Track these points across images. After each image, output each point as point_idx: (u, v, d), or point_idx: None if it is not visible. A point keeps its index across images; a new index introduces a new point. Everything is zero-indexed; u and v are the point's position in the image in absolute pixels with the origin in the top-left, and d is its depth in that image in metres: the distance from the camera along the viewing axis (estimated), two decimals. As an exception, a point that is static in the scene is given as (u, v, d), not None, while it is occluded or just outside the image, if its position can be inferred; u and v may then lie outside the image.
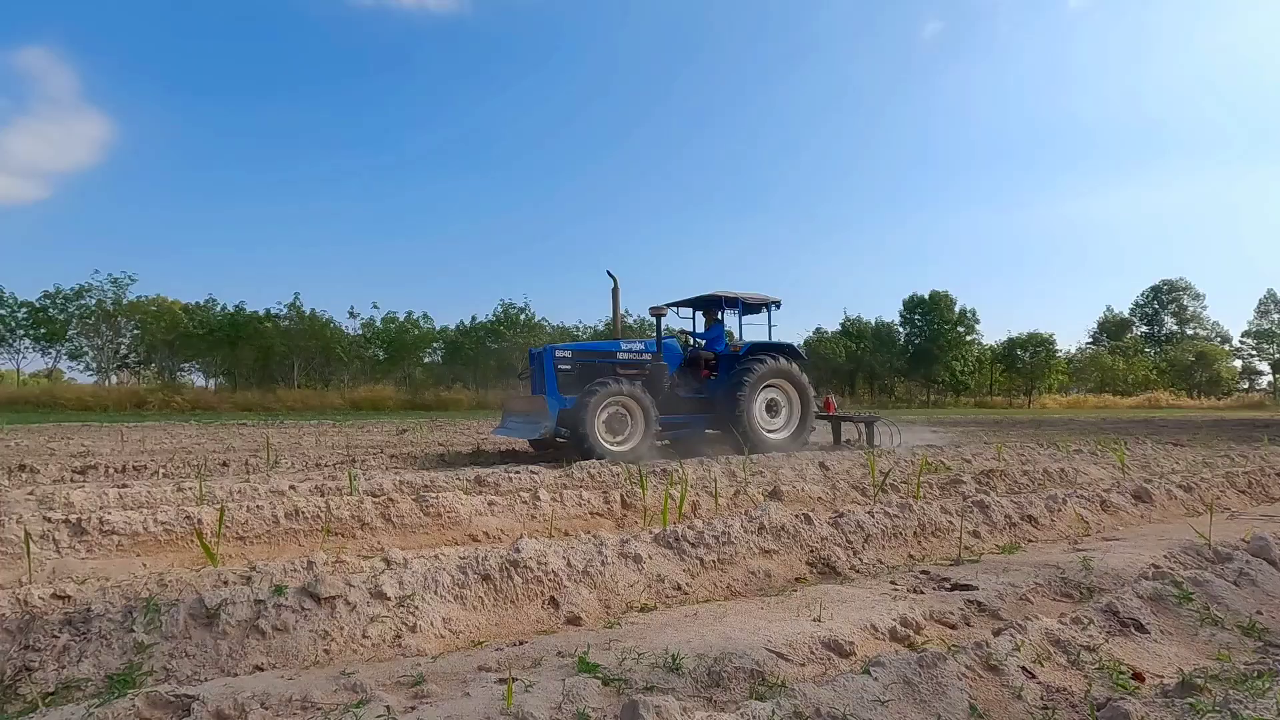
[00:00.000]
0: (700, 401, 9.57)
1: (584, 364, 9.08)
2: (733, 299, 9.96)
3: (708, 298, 10.07)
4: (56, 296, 31.68)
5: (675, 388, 9.45)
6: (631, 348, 9.45)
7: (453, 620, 2.52)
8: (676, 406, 9.36)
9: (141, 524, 3.75)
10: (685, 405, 9.48)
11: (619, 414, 8.50)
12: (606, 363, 9.20)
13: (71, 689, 1.93)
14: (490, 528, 4.48)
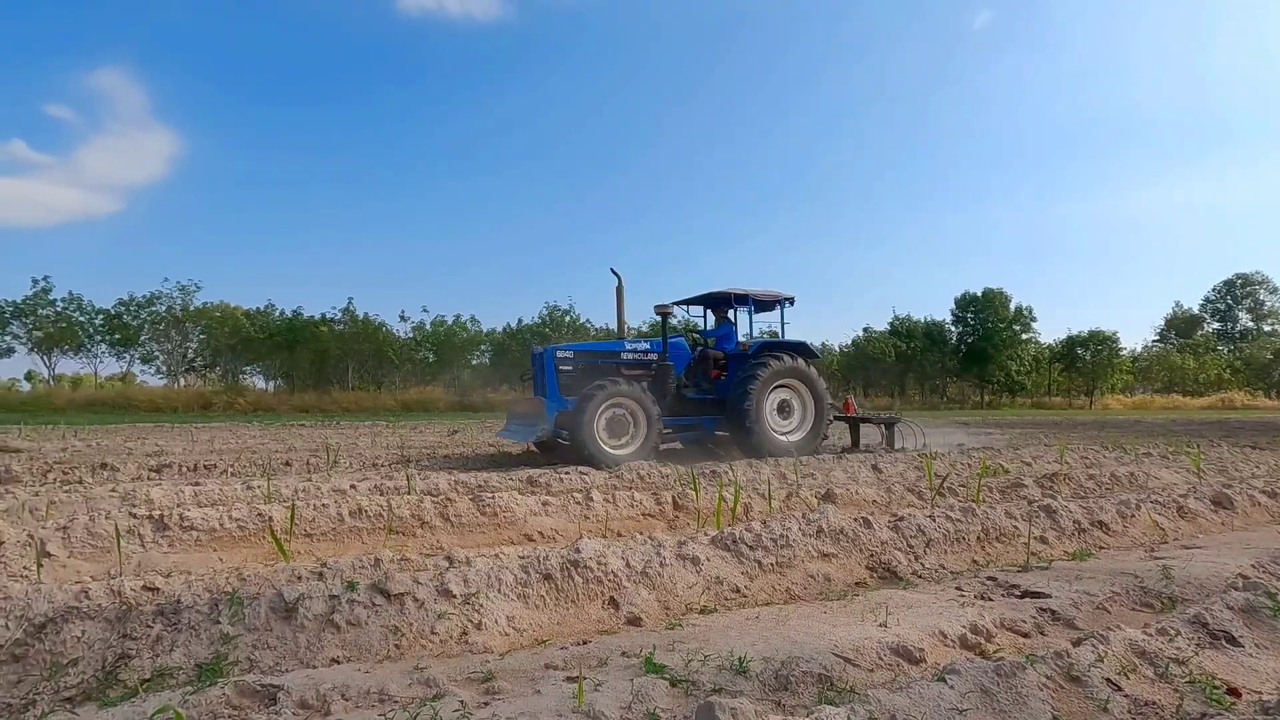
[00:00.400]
0: (710, 403, 9.23)
1: (586, 365, 8.80)
2: (742, 296, 9.61)
3: (715, 295, 9.74)
4: (130, 304, 33.45)
5: (683, 388, 9.18)
6: (636, 347, 9.13)
7: (516, 618, 2.56)
8: (684, 408, 9.10)
9: (217, 520, 3.93)
10: (694, 407, 9.19)
11: (620, 416, 8.18)
12: (610, 363, 8.91)
13: (165, 676, 2.03)
14: (545, 527, 4.54)
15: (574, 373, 8.63)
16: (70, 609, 2.16)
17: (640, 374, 8.88)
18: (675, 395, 8.95)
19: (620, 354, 9.00)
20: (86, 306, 32.99)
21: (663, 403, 8.66)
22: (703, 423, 9.17)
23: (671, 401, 8.86)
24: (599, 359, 8.92)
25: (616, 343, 9.23)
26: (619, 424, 8.17)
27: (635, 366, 8.97)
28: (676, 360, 9.13)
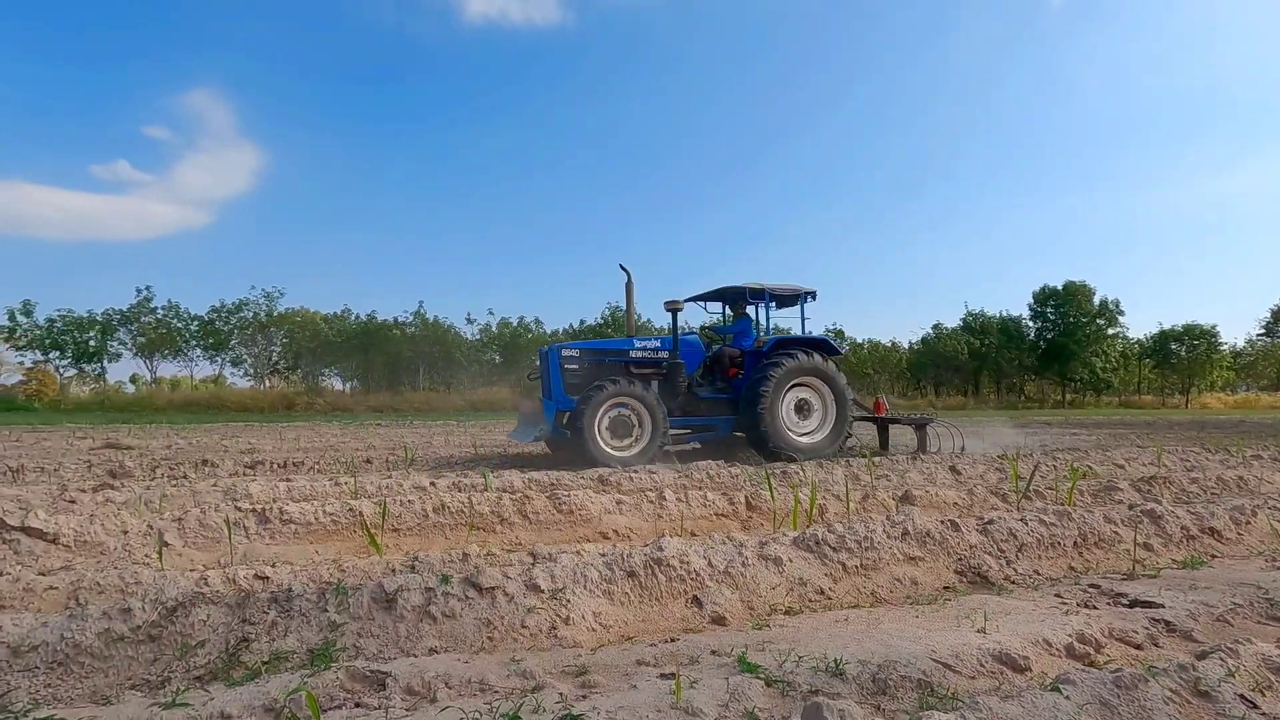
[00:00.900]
0: (725, 402, 8.90)
1: (593, 364, 8.51)
2: (758, 290, 9.26)
3: (730, 290, 9.46)
4: (221, 310, 35.65)
5: (697, 388, 8.88)
6: (646, 345, 8.77)
7: (602, 614, 2.60)
8: (698, 408, 8.79)
9: (313, 515, 4.14)
10: (708, 406, 8.84)
11: (623, 417, 7.94)
12: (618, 362, 8.59)
13: (282, 659, 2.16)
14: (619, 526, 4.58)
15: (580, 372, 8.41)
16: (196, 595, 2.32)
17: (650, 373, 8.65)
18: (689, 395, 8.69)
19: (629, 352, 8.69)
20: (183, 314, 35.38)
21: (675, 402, 8.49)
22: (718, 423, 8.82)
23: (685, 401, 8.64)
24: (606, 358, 8.62)
25: (625, 341, 8.88)
26: (623, 425, 7.94)
27: (645, 365, 8.68)
28: (689, 358, 8.85)
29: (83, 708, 1.81)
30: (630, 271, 8.92)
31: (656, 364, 8.67)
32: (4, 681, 1.96)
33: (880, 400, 10.46)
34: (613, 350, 8.71)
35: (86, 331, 33.77)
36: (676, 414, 8.55)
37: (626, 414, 7.95)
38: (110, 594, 2.65)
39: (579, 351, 8.61)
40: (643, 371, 8.60)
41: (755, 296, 9.42)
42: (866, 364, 44.89)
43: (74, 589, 2.64)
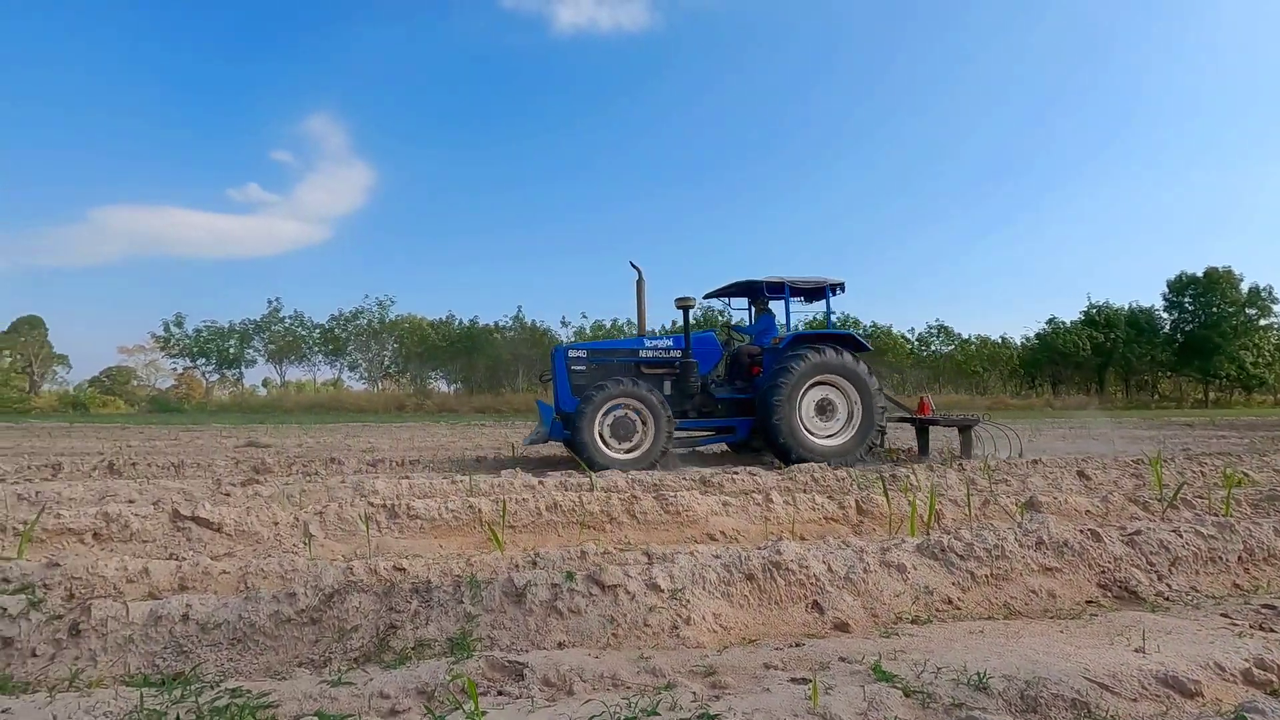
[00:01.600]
0: (745, 403, 8.44)
1: (600, 364, 8.28)
2: (776, 284, 8.68)
3: (745, 284, 8.97)
4: (340, 319, 38.46)
5: (714, 388, 8.54)
6: (657, 345, 8.44)
7: (722, 616, 2.61)
8: (716, 409, 8.43)
9: (436, 511, 4.39)
10: (727, 407, 8.45)
11: (625, 419, 7.65)
12: (627, 362, 8.33)
13: (425, 646, 2.31)
14: (726, 527, 4.57)
15: (587, 373, 8.19)
16: (349, 583, 2.52)
17: (663, 373, 8.34)
18: (705, 395, 8.37)
19: (639, 352, 8.39)
20: (307, 322, 38.52)
21: (690, 403, 8.22)
22: (737, 424, 8.39)
23: (702, 402, 8.33)
24: (615, 358, 8.38)
25: (635, 340, 8.58)
26: (625, 426, 7.65)
27: (656, 365, 8.37)
28: (703, 357, 8.48)
29: (261, 681, 2.01)
30: (641, 269, 8.60)
31: (669, 364, 8.35)
32: (196, 654, 2.21)
33: (925, 400, 9.72)
34: (621, 350, 8.50)
35: (227, 340, 37.36)
36: (692, 416, 8.30)
37: (629, 416, 7.68)
38: (272, 579, 2.92)
39: (586, 352, 8.43)
40: (655, 371, 8.34)
41: (773, 290, 8.84)
42: (975, 361, 42.44)
43: (242, 574, 2.93)
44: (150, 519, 4.07)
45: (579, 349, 8.46)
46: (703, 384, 8.33)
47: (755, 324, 9.32)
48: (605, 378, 7.87)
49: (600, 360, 8.32)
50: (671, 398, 8.14)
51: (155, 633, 2.25)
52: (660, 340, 8.49)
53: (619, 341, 8.95)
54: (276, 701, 1.84)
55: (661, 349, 8.38)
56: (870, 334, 41.44)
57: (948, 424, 9.28)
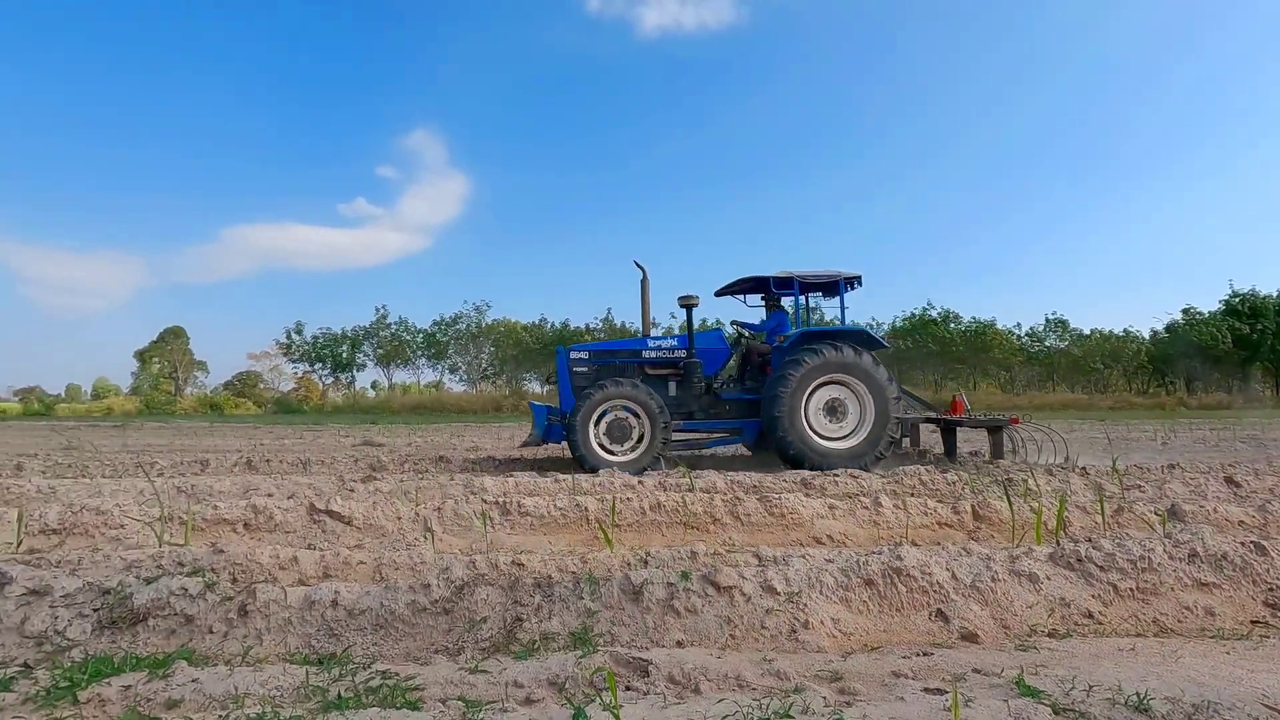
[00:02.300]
0: (752, 404, 8.09)
1: (602, 365, 8.13)
2: (785, 279, 8.27)
3: (752, 280, 8.60)
4: (441, 324, 40.46)
5: (719, 388, 8.23)
6: (661, 344, 8.21)
7: (841, 621, 2.56)
8: (723, 410, 8.11)
9: (545, 509, 4.54)
10: (735, 408, 8.12)
11: (622, 421, 7.50)
12: (630, 363, 8.13)
13: (549, 639, 2.40)
14: (834, 531, 4.46)
15: (589, 374, 8.06)
16: (478, 576, 2.65)
17: (668, 374, 8.12)
18: (711, 397, 8.10)
19: (642, 353, 8.18)
20: (411, 328, 40.76)
21: (696, 405, 7.98)
22: (745, 426, 8.08)
23: (709, 403, 8.06)
24: (617, 359, 8.21)
25: (638, 340, 8.39)
26: (621, 428, 7.51)
27: (661, 366, 8.14)
28: (709, 357, 8.18)
29: (405, 665, 2.15)
30: (645, 268, 8.35)
31: (673, 364, 8.12)
32: (345, 638, 2.39)
33: (959, 398, 9.03)
34: (624, 351, 8.32)
35: (340, 346, 40.14)
36: (699, 417, 8.07)
37: (624, 417, 7.54)
38: (403, 570, 3.11)
39: (588, 353, 8.31)
40: (659, 372, 8.15)
41: (782, 286, 8.42)
42: (1094, 357, 39.32)
43: (377, 564, 3.14)
44: (290, 512, 4.43)
45: (581, 350, 8.37)
46: (708, 384, 8.13)
47: (766, 321, 8.97)
48: (608, 379, 7.79)
49: (603, 361, 8.21)
50: (676, 399, 8.00)
51: (309, 616, 2.45)
52: (664, 340, 8.31)
53: (622, 342, 8.81)
54: (421, 685, 1.97)
55: (665, 349, 8.20)
56: (970, 330, 39.21)
57: (974, 425, 8.52)
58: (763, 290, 8.92)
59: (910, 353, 38.63)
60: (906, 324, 40.00)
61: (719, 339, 8.61)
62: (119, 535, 4.17)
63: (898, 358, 39.13)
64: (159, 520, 4.14)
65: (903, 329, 39.60)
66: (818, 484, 6.01)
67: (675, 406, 7.90)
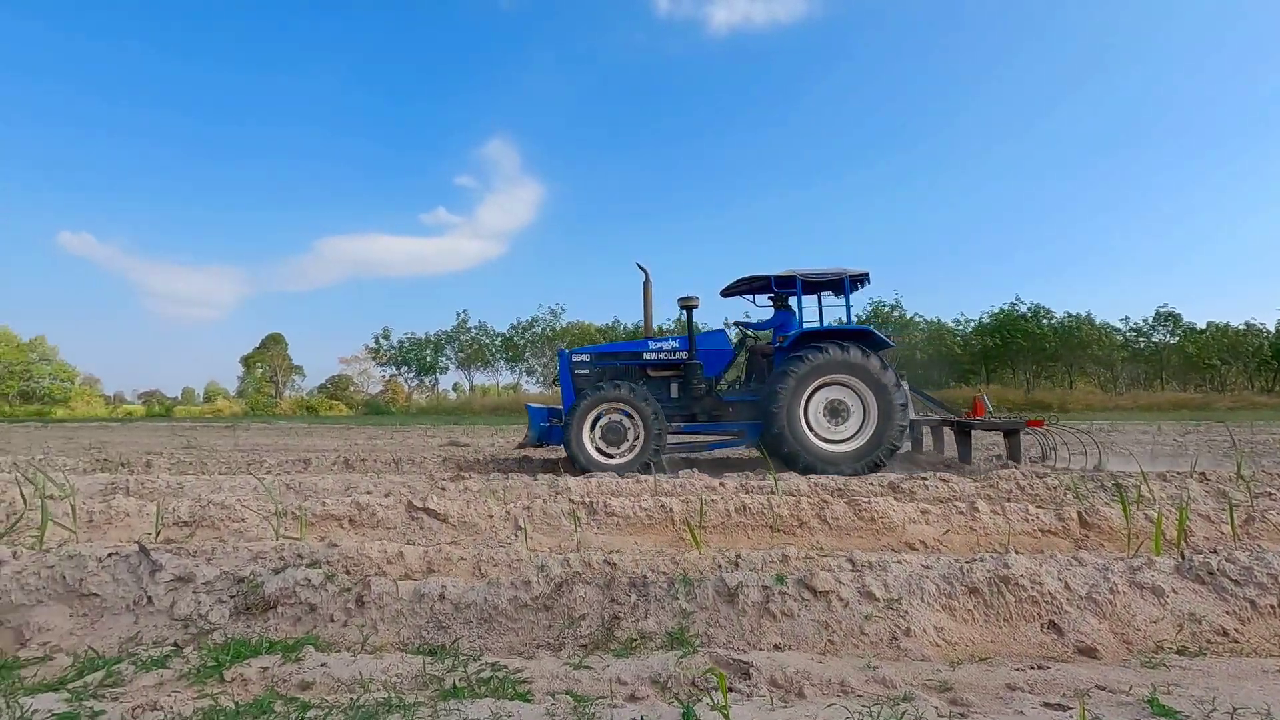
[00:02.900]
0: (755, 405, 7.82)
1: (604, 368, 8.12)
2: (787, 278, 8.07)
3: (755, 279, 8.38)
4: (518, 327, 41.60)
5: (721, 390, 8.05)
6: (662, 346, 8.08)
7: (944, 630, 2.48)
8: (725, 412, 7.88)
9: (630, 509, 4.60)
10: (736, 410, 7.89)
11: (617, 423, 7.41)
12: (631, 365, 8.10)
13: (647, 638, 2.43)
14: (927, 537, 4.31)
15: (590, 376, 8.07)
16: (575, 574, 2.73)
17: (669, 376, 8.03)
18: (712, 398, 7.91)
19: (643, 354, 8.11)
20: (489, 331, 42.09)
21: (698, 406, 7.81)
22: (747, 429, 7.82)
23: (711, 405, 7.87)
24: (619, 361, 8.18)
25: (640, 343, 8.30)
26: (615, 431, 7.42)
27: (662, 367, 8.07)
28: (713, 358, 8.03)
29: (511, 659, 2.23)
30: (647, 270, 8.27)
31: (674, 365, 8.03)
32: (453, 630, 2.51)
33: (980, 399, 8.54)
34: (625, 353, 8.27)
35: (424, 350, 41.88)
36: (702, 419, 7.90)
37: (619, 420, 7.46)
38: (501, 567, 3.22)
39: (590, 356, 8.31)
40: (660, 374, 8.09)
41: (783, 285, 8.24)
42: (1210, 352, 36.28)
43: (477, 561, 3.27)
44: (390, 509, 4.66)
45: (583, 353, 8.41)
46: (710, 386, 8.01)
47: (771, 320, 8.77)
48: (606, 382, 7.79)
49: (604, 364, 8.22)
50: (678, 401, 7.94)
51: (419, 608, 2.58)
52: (665, 342, 8.20)
53: (623, 344, 8.74)
54: (529, 678, 2.04)
55: (666, 350, 8.11)
56: (1063, 325, 36.84)
57: (988, 428, 8.02)
58: (767, 289, 8.77)
59: (996, 351, 36.73)
60: (994, 320, 38.04)
61: (722, 340, 8.48)
62: (240, 528, 4.51)
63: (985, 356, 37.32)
64: (274, 515, 4.45)
65: (989, 326, 37.68)
66: (907, 488, 5.82)
67: (678, 408, 7.91)
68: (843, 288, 8.29)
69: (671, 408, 7.85)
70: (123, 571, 2.69)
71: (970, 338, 37.58)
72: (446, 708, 1.72)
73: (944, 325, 37.63)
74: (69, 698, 1.82)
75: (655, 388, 7.96)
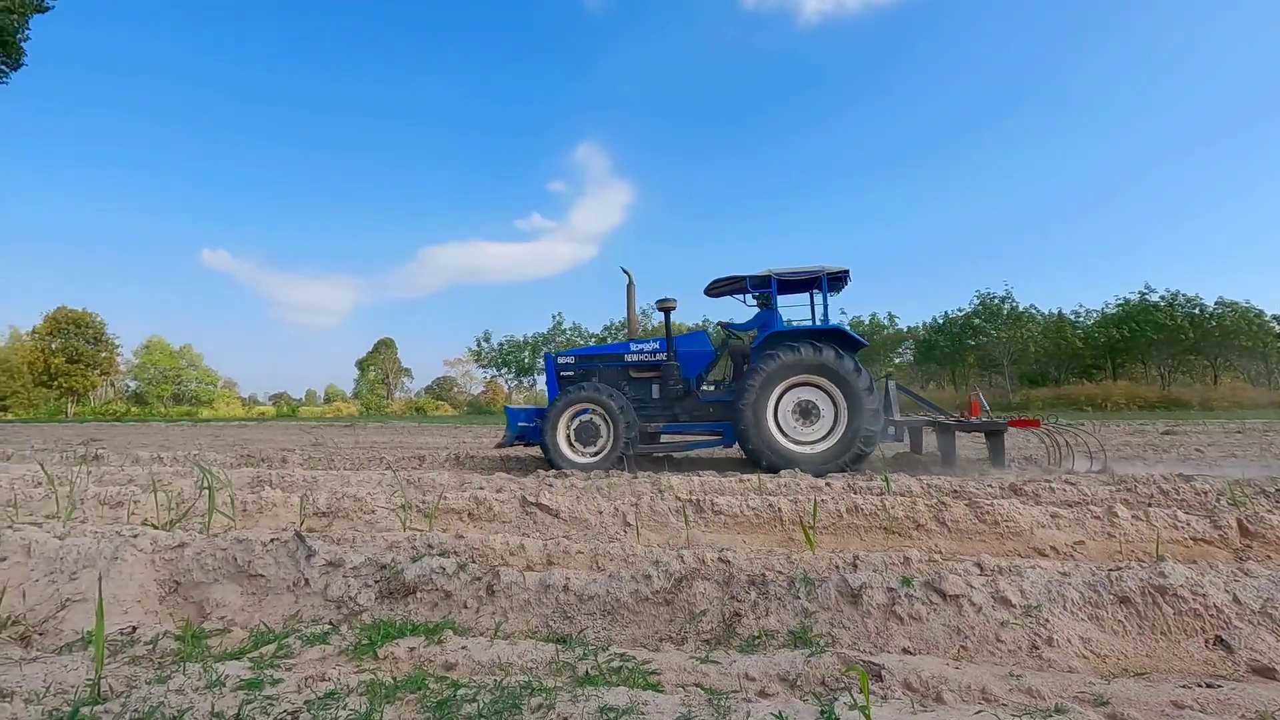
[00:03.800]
0: (731, 405, 7.68)
1: (588, 370, 8.30)
2: (762, 278, 8.04)
3: (733, 279, 8.32)
4: (612, 328, 42.24)
5: (708, 390, 8.05)
6: (643, 348, 8.21)
7: (1092, 641, 2.32)
8: (706, 413, 7.88)
9: (737, 508, 4.58)
10: (716, 411, 7.86)
11: (589, 423, 7.60)
12: (613, 367, 8.23)
13: (769, 636, 2.43)
14: (1058, 542, 4.05)
15: (574, 379, 8.28)
16: (693, 570, 2.76)
17: (650, 377, 8.11)
18: (692, 399, 7.96)
19: (624, 356, 8.26)
20: (584, 332, 43.00)
21: (679, 406, 7.90)
22: (725, 428, 7.78)
23: (691, 406, 7.93)
24: (601, 363, 8.35)
25: (622, 345, 8.44)
26: (588, 430, 7.61)
27: (643, 369, 8.16)
28: (694, 358, 8.13)
29: (637, 650, 2.29)
30: (631, 274, 8.50)
31: (654, 367, 8.13)
32: (577, 621, 2.60)
33: (974, 399, 8.17)
34: (607, 355, 8.44)
35: (521, 352, 43.35)
36: (682, 419, 7.93)
37: (590, 419, 7.64)
38: (617, 561, 3.31)
39: (574, 358, 8.52)
40: (642, 375, 8.18)
41: (758, 285, 8.23)
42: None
43: (594, 555, 3.37)
44: (505, 503, 4.87)
45: (568, 355, 8.64)
46: (687, 386, 8.06)
47: (754, 320, 8.74)
48: (585, 383, 7.99)
49: (588, 366, 8.41)
50: (659, 401, 8.02)
51: (545, 598, 2.69)
52: (646, 344, 8.34)
53: (606, 347, 8.88)
54: (657, 670, 2.08)
55: (646, 352, 8.26)
56: (1211, 315, 33.25)
57: (967, 429, 7.71)
58: (744, 290, 8.77)
59: (1123, 344, 33.64)
60: (1120, 310, 34.91)
61: (702, 341, 8.58)
62: (371, 519, 4.85)
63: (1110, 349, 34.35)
64: (401, 508, 4.76)
65: (1115, 316, 34.60)
66: (1031, 490, 5.47)
67: (659, 409, 8.01)
68: (817, 285, 8.25)
69: (653, 408, 8.02)
70: (283, 555, 2.97)
71: (1093, 330, 34.63)
72: (584, 694, 1.79)
73: (1063, 317, 34.88)
74: (251, 666, 2.03)
75: (638, 389, 8.16)
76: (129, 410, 46.77)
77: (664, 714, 1.68)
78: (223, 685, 1.87)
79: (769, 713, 1.65)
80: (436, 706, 1.74)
